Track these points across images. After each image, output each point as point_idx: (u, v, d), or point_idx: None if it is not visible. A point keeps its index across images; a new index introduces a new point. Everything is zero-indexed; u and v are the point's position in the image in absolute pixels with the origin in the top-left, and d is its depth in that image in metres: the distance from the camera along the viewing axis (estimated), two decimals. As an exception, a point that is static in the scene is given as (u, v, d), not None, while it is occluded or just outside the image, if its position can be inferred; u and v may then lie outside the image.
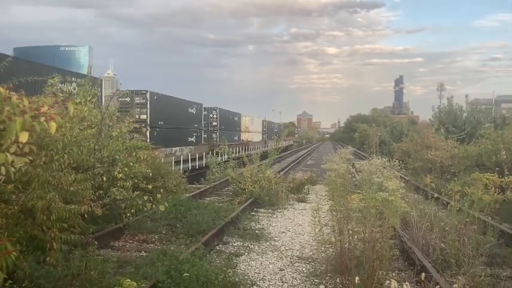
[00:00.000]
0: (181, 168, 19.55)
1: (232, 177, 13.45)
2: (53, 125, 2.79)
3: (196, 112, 30.65)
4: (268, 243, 7.88)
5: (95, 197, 6.87)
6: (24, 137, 2.54)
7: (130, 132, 10.86)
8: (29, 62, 16.09)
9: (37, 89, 8.21)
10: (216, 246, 7.51)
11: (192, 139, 29.30)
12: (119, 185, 8.07)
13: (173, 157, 21.63)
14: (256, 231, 8.58)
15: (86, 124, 8.56)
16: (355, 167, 8.82)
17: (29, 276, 4.45)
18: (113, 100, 9.80)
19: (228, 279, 5.10)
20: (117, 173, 8.13)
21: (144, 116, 21.84)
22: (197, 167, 23.90)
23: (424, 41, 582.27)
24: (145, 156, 9.14)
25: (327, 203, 6.54)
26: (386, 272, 5.02)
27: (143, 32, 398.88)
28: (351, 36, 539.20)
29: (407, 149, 21.83)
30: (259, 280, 5.87)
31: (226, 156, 21.21)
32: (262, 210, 11.26)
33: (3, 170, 2.59)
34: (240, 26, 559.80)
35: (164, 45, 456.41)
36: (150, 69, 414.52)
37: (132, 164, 8.50)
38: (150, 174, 9.55)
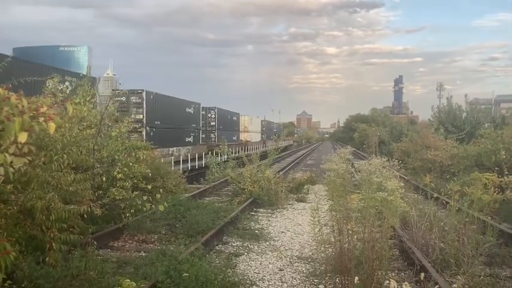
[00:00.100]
0: (181, 168, 19.54)
1: (231, 177, 13.46)
2: (52, 125, 2.79)
3: (194, 112, 30.25)
4: (267, 243, 7.87)
5: (95, 197, 6.87)
6: (23, 137, 2.53)
7: (129, 132, 10.84)
8: (27, 61, 15.99)
9: (36, 88, 8.20)
10: (216, 246, 7.50)
11: (189, 139, 28.92)
12: (118, 185, 8.07)
13: (172, 157, 21.59)
14: (256, 231, 8.59)
15: (86, 124, 8.55)
16: (354, 167, 8.81)
17: (28, 277, 4.46)
18: (112, 101, 9.77)
19: (227, 279, 5.10)
20: (116, 173, 8.13)
21: (140, 115, 21.54)
22: (197, 167, 23.88)
23: (424, 40, 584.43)
24: (144, 157, 9.14)
25: (327, 202, 6.54)
26: (385, 272, 5.03)
27: (142, 32, 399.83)
28: (351, 36, 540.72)
29: (406, 149, 21.81)
30: (259, 280, 5.87)
31: (225, 156, 21.20)
32: (261, 210, 11.26)
33: (2, 170, 2.58)
34: (240, 25, 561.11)
35: (164, 45, 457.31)
36: (149, 69, 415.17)
37: (131, 164, 8.51)
38: (150, 175, 9.55)
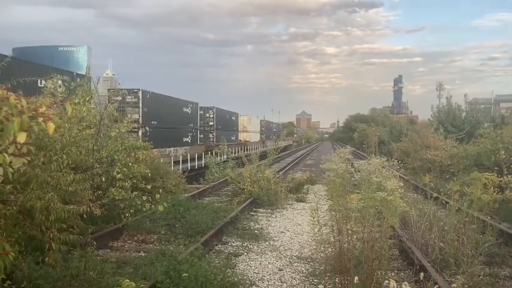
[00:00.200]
0: (180, 168, 19.53)
1: (231, 177, 13.45)
2: (51, 125, 2.78)
3: (191, 111, 29.83)
4: (267, 243, 7.87)
5: (94, 197, 6.87)
6: (22, 137, 2.53)
7: (129, 132, 10.84)
8: (23, 61, 15.86)
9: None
10: (215, 247, 7.50)
11: (187, 139, 28.55)
12: (117, 185, 8.06)
13: (172, 157, 21.53)
14: (255, 231, 8.58)
15: (85, 124, 8.54)
16: (354, 167, 8.81)
17: (27, 277, 4.45)
18: (111, 100, 9.76)
19: (227, 280, 5.10)
20: (116, 173, 8.12)
21: (136, 115, 21.10)
22: (196, 167, 23.87)
23: (423, 40, 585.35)
24: (144, 157, 9.13)
25: (326, 202, 6.54)
26: (385, 271, 5.03)
27: (142, 32, 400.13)
28: (350, 35, 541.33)
29: (406, 149, 21.82)
30: (258, 280, 5.86)
31: (225, 156, 21.17)
32: (261, 210, 11.25)
33: (1, 170, 2.58)
34: (239, 25, 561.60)
35: (164, 45, 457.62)
36: (149, 69, 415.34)
37: (131, 164, 8.51)
38: (149, 175, 9.56)
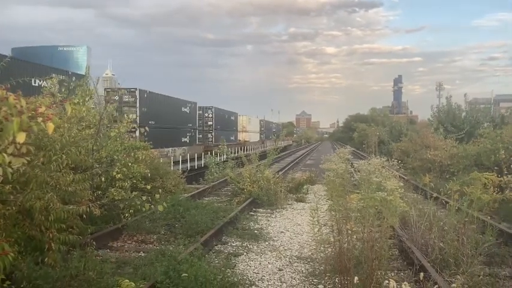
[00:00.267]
0: (180, 168, 19.51)
1: (231, 177, 13.45)
2: (51, 125, 2.78)
3: (190, 111, 29.60)
4: (267, 243, 7.87)
5: (94, 198, 6.87)
6: (21, 137, 2.52)
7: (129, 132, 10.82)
8: (16, 59, 15.76)
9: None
10: (215, 247, 7.49)
11: (185, 139, 28.32)
12: (117, 185, 8.06)
13: (171, 157, 21.48)
14: (255, 231, 8.58)
15: (84, 124, 8.54)
16: (353, 167, 8.81)
17: (27, 277, 4.45)
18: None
19: (226, 280, 5.10)
20: (115, 173, 8.12)
21: (133, 115, 20.92)
22: (196, 167, 23.86)
23: (423, 40, 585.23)
24: (143, 157, 9.13)
25: (326, 202, 6.54)
26: (385, 271, 5.03)
27: (142, 32, 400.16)
28: (350, 35, 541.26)
29: (406, 149, 21.83)
30: (258, 280, 5.86)
31: (225, 156, 21.16)
32: (261, 210, 11.25)
33: (0, 170, 2.57)
34: (239, 25, 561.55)
35: (163, 45, 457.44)
36: (149, 69, 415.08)
37: (130, 164, 8.51)
38: (149, 175, 9.55)
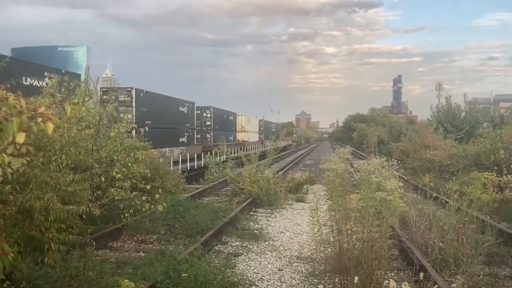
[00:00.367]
0: (180, 168, 19.50)
1: (230, 177, 13.45)
2: (50, 125, 2.78)
3: (188, 111, 29.26)
4: (266, 243, 7.87)
5: (93, 198, 6.87)
6: (21, 137, 2.52)
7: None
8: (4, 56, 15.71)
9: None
10: (215, 247, 7.49)
11: (183, 139, 27.98)
12: (117, 185, 8.06)
13: (169, 158, 21.44)
14: (255, 231, 8.58)
15: (84, 124, 8.54)
16: (353, 167, 8.81)
17: (27, 277, 4.45)
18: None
19: (226, 280, 5.10)
20: (115, 173, 8.12)
21: (129, 114, 20.90)
22: (195, 167, 23.86)
23: (423, 40, 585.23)
24: (143, 157, 9.13)
25: (326, 202, 6.54)
26: (384, 271, 5.03)
27: (142, 32, 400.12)
28: (349, 35, 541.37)
29: (405, 149, 21.84)
30: (258, 280, 5.86)
31: (224, 156, 21.14)
32: (260, 210, 11.25)
33: (0, 171, 2.58)
34: (239, 25, 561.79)
35: (163, 45, 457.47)
36: (149, 69, 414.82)
37: (130, 164, 8.50)
38: (149, 175, 9.55)
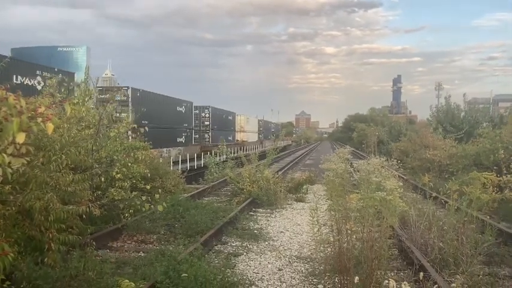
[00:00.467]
0: (180, 168, 19.50)
1: (230, 177, 13.44)
2: (50, 125, 2.78)
3: (185, 111, 29.00)
4: (266, 243, 7.87)
5: (93, 198, 6.87)
6: (21, 137, 2.52)
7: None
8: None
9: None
10: (215, 246, 7.49)
11: (181, 139, 27.73)
12: (117, 185, 8.06)
13: (172, 157, 21.44)
14: (255, 231, 8.58)
15: (84, 124, 8.54)
16: (353, 167, 8.82)
17: (27, 277, 4.45)
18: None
19: (226, 280, 5.10)
20: (115, 173, 8.12)
21: (124, 114, 20.65)
22: (195, 167, 23.86)
23: (423, 40, 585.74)
24: (143, 157, 9.13)
25: (326, 202, 6.54)
26: (384, 271, 5.02)
27: (142, 32, 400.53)
28: (349, 35, 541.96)
29: (405, 149, 21.84)
30: (258, 280, 5.86)
31: (224, 157, 21.14)
32: (260, 210, 11.25)
33: (0, 171, 2.58)
34: (238, 25, 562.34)
35: (163, 45, 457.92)
36: (149, 69, 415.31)
37: (130, 164, 8.51)
38: (148, 175, 9.56)
